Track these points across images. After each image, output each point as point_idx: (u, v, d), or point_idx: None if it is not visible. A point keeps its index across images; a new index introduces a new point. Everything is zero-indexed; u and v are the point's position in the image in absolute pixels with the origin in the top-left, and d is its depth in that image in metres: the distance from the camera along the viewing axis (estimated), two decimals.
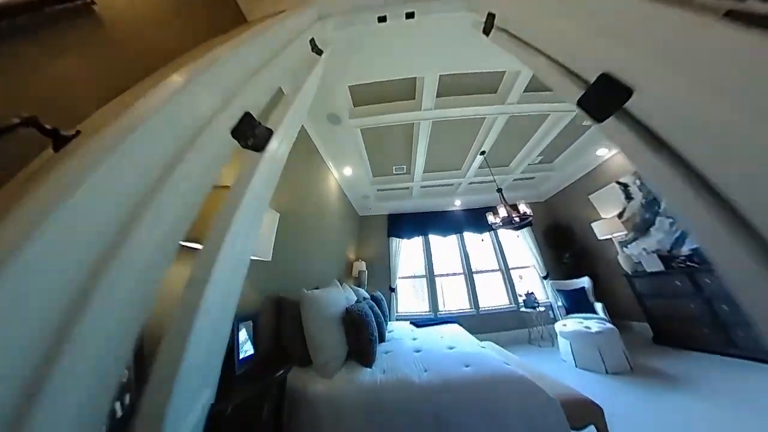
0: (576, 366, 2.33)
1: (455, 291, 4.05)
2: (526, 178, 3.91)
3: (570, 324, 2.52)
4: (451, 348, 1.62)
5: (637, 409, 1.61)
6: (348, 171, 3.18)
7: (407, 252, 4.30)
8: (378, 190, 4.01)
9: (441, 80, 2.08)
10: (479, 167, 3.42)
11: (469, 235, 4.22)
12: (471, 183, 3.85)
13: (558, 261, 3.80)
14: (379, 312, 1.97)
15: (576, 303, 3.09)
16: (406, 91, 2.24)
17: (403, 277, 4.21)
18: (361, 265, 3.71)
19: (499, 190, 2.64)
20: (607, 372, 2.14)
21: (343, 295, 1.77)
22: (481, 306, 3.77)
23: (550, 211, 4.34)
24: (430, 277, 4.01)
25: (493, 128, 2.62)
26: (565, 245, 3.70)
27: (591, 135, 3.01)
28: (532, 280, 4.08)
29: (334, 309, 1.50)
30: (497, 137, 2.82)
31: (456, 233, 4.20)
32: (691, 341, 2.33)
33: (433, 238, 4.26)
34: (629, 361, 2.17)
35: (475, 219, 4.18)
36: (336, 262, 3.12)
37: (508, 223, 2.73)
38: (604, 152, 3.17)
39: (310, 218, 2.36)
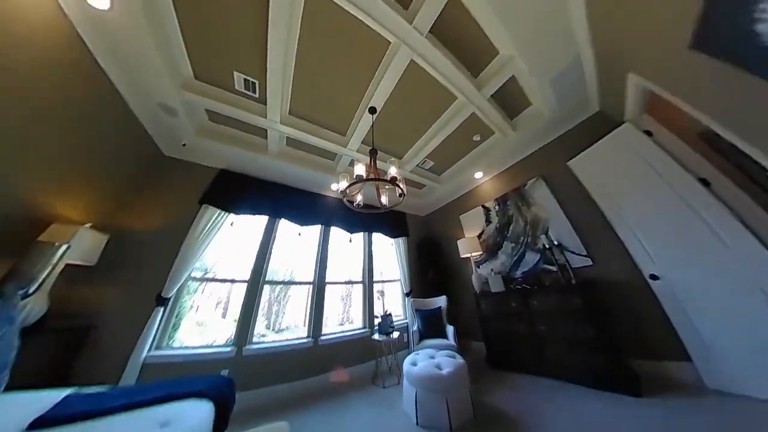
0: (417, 424, 1.62)
1: (292, 308, 2.73)
2: (417, 183, 3.54)
3: (421, 361, 1.86)
4: None
5: None
6: None
7: (226, 237, 2.58)
8: (210, 116, 2.22)
9: None
10: (363, 140, 2.58)
11: (337, 232, 3.18)
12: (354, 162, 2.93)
13: (423, 277, 3.49)
14: None
15: (431, 325, 2.71)
16: None
17: (200, 279, 2.40)
18: (82, 238, 1.63)
19: (374, 151, 1.78)
20: (451, 429, 1.54)
21: None
22: (324, 332, 2.62)
23: (427, 226, 4.28)
24: (255, 282, 2.46)
25: (391, 67, 1.82)
26: (432, 261, 3.47)
27: (476, 155, 2.99)
28: (394, 296, 3.53)
29: None
30: (392, 94, 2.07)
31: (321, 224, 3.02)
32: (516, 363, 2.34)
33: (285, 225, 2.84)
34: (474, 407, 1.71)
35: (352, 214, 3.25)
36: None
37: (364, 207, 1.86)
38: (480, 175, 3.29)
39: None
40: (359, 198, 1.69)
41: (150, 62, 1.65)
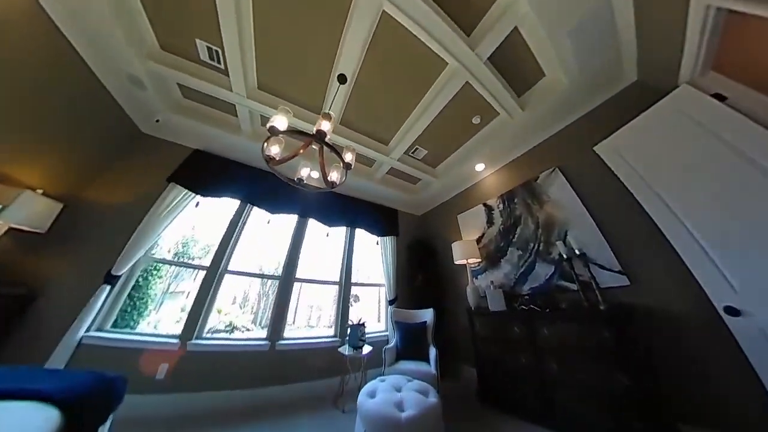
0: None
1: (253, 302, 2.47)
2: (410, 177, 3.15)
3: (382, 392, 1.41)
4: None
5: None
6: None
7: (191, 218, 2.46)
8: (184, 92, 2.14)
9: None
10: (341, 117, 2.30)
11: (314, 225, 2.89)
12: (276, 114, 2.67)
13: (411, 283, 3.03)
14: None
15: (411, 343, 2.26)
16: None
17: (161, 261, 2.27)
18: (26, 202, 1.57)
19: (327, 116, 1.38)
20: None
21: None
22: (286, 336, 2.31)
23: (423, 227, 3.82)
24: (216, 270, 2.24)
25: (357, 20, 1.50)
26: (422, 266, 2.99)
27: (476, 142, 2.53)
28: (378, 302, 3.11)
29: None
30: (367, 60, 1.76)
31: (297, 213, 2.76)
32: (515, 405, 1.80)
33: (257, 213, 2.64)
34: None
35: (333, 205, 2.97)
36: None
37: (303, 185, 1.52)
38: (481, 167, 2.79)
39: None
40: (304, 171, 1.37)
41: (110, 30, 1.57)
